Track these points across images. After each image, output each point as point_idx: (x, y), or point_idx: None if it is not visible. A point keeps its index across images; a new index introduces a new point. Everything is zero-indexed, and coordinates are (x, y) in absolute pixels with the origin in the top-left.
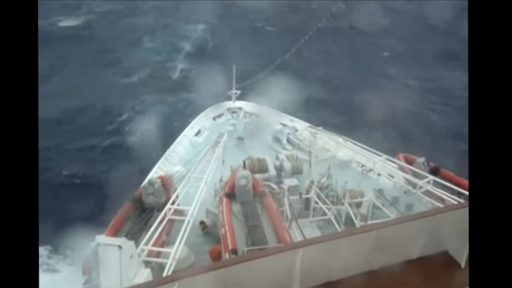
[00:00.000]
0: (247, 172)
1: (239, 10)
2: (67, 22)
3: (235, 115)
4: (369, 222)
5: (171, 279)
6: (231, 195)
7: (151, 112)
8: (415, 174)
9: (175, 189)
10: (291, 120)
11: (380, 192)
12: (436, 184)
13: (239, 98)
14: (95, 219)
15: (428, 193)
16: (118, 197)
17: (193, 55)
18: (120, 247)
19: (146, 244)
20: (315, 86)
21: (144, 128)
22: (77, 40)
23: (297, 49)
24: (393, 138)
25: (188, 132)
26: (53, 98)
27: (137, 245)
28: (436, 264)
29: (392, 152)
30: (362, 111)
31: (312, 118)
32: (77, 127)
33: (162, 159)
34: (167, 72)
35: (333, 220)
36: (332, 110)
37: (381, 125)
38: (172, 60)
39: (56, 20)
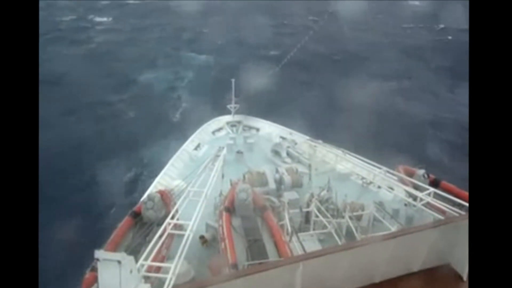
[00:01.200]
0: (246, 186)
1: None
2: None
3: (234, 129)
4: (369, 235)
5: None
6: (231, 209)
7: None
8: (416, 187)
9: (175, 204)
10: (291, 133)
11: (380, 205)
12: (436, 196)
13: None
14: None
15: (428, 205)
16: None
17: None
18: (119, 262)
19: (146, 259)
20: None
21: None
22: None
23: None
24: None
25: (188, 146)
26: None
27: (136, 260)
28: (437, 276)
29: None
30: None
31: None
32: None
33: (162, 173)
34: (170, 108)
35: (334, 233)
36: None
37: None
38: (175, 91)
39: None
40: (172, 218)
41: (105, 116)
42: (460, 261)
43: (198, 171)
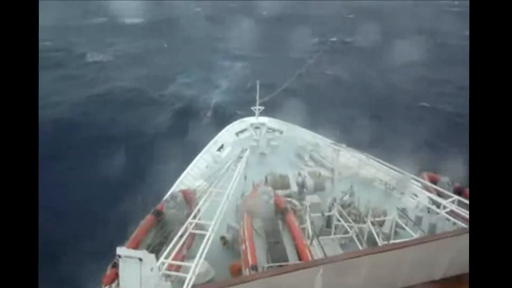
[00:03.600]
0: (268, 188)
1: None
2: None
3: (258, 130)
4: (391, 241)
5: None
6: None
7: None
8: (439, 194)
9: (197, 204)
10: (314, 137)
11: (403, 211)
12: (460, 204)
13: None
14: None
15: (452, 213)
16: None
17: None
18: (140, 259)
19: (167, 257)
20: None
21: None
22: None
23: None
24: None
25: (211, 147)
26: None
27: (157, 258)
28: (459, 285)
29: None
30: None
31: None
32: None
33: (185, 173)
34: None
35: (355, 239)
36: None
37: None
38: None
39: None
40: (194, 217)
41: None
42: None
43: (221, 172)
